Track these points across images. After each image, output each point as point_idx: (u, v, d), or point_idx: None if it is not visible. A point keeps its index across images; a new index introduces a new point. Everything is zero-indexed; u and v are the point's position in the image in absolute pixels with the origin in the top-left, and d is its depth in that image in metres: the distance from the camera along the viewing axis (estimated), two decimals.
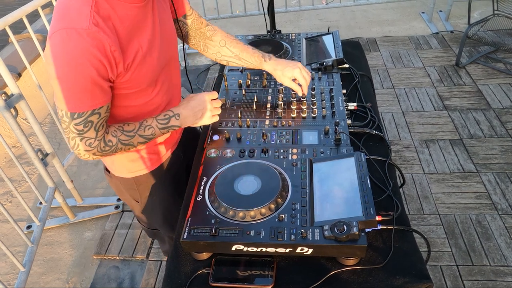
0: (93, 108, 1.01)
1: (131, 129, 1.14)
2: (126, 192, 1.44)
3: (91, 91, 0.98)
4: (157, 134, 1.19)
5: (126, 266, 2.28)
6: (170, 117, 1.20)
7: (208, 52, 1.47)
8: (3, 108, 1.91)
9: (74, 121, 1.01)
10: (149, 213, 1.51)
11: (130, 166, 1.33)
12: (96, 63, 0.95)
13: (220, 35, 1.46)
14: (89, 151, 1.08)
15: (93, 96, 1.00)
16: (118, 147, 1.12)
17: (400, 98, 3.28)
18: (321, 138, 1.29)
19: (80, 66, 0.94)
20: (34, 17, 3.56)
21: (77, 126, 1.02)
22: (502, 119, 2.93)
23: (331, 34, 1.84)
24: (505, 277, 1.99)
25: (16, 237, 2.49)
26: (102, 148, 1.09)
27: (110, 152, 1.12)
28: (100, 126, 1.06)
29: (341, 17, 4.66)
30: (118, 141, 1.12)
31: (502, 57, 3.57)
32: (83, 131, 1.03)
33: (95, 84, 0.98)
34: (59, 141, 3.21)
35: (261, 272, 1.01)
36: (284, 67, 1.41)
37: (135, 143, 1.16)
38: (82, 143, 1.05)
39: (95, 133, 1.05)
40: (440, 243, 2.18)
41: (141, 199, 1.44)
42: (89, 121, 1.02)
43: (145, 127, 1.16)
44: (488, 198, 2.39)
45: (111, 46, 0.96)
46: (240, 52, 1.44)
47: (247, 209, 1.04)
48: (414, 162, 2.69)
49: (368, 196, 1.02)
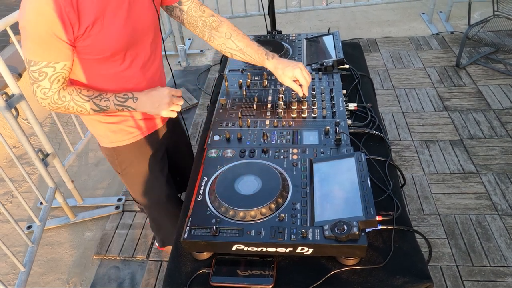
0: (48, 61, 1.12)
1: (88, 94, 1.23)
2: (110, 162, 1.57)
3: (47, 45, 1.09)
4: (112, 108, 1.27)
5: (127, 266, 2.28)
6: (128, 98, 1.28)
7: (213, 43, 1.49)
8: (4, 108, 1.91)
9: (31, 68, 1.13)
10: (130, 185, 1.62)
11: (111, 136, 1.43)
12: (50, 20, 1.05)
13: (226, 26, 1.46)
14: (44, 99, 1.20)
15: (48, 50, 1.10)
16: (70, 104, 1.22)
17: (400, 98, 3.29)
18: (322, 138, 1.29)
19: (36, 21, 1.06)
20: None
21: (33, 73, 1.14)
22: (502, 120, 2.93)
23: (332, 34, 1.85)
24: (505, 278, 1.99)
25: (17, 237, 2.50)
26: (55, 101, 1.20)
27: (62, 107, 1.22)
28: (55, 80, 1.16)
29: (341, 17, 4.66)
30: (71, 99, 1.21)
31: (502, 58, 3.57)
32: (38, 79, 1.15)
33: (50, 39, 1.08)
34: (59, 142, 3.22)
35: (261, 272, 1.01)
36: (285, 66, 1.41)
37: (88, 109, 1.24)
38: (38, 91, 1.18)
39: (50, 84, 1.17)
40: (440, 243, 2.18)
41: (121, 170, 1.54)
42: (43, 72, 1.14)
43: (102, 98, 1.25)
44: (488, 199, 2.39)
45: (65, 7, 1.05)
46: (244, 47, 1.45)
47: (248, 209, 1.04)
48: (414, 162, 2.69)
49: (368, 196, 1.02)
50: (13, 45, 3.38)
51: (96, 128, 1.42)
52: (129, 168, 1.52)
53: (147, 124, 1.45)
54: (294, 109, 1.42)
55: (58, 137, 3.26)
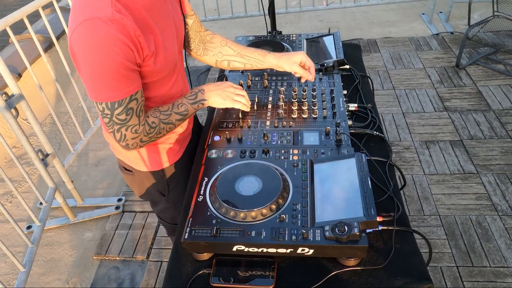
0: (130, 94, 1.04)
1: (166, 109, 1.20)
2: (151, 187, 1.45)
3: (125, 77, 1.01)
4: (190, 110, 1.25)
5: (126, 266, 2.28)
6: (196, 92, 1.28)
7: (208, 55, 1.48)
8: (3, 109, 1.91)
9: (116, 111, 1.04)
10: (175, 204, 1.53)
11: (156, 159, 1.37)
12: (124, 48, 0.97)
13: (219, 37, 1.49)
14: (136, 137, 1.12)
15: (128, 82, 1.03)
16: (161, 127, 1.18)
17: (400, 99, 3.29)
18: (322, 138, 1.29)
19: (110, 54, 0.95)
20: (35, 17, 3.56)
21: (120, 116, 1.05)
22: (502, 120, 2.94)
23: (332, 35, 1.84)
24: (505, 278, 1.99)
25: (16, 238, 2.49)
26: (147, 131, 1.15)
27: (154, 134, 1.17)
28: (140, 111, 1.10)
29: (341, 18, 4.66)
30: (159, 121, 1.18)
31: (502, 58, 3.57)
32: (126, 120, 1.07)
33: (127, 69, 1.00)
34: (59, 142, 3.22)
35: (262, 273, 1.01)
36: (288, 54, 1.45)
37: (174, 121, 1.22)
38: (128, 132, 1.10)
39: (137, 119, 1.10)
40: (440, 244, 2.18)
41: (168, 191, 1.48)
42: (130, 108, 1.06)
43: (178, 105, 1.23)
44: (488, 199, 2.39)
45: (135, 31, 0.98)
46: (242, 50, 1.47)
47: (248, 209, 1.04)
48: (415, 163, 2.69)
49: (369, 196, 1.02)
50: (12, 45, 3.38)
51: (138, 153, 1.34)
52: (176, 187, 1.47)
53: (183, 137, 1.43)
54: (295, 110, 1.42)
55: (58, 137, 3.26)
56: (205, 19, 4.35)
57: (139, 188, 1.49)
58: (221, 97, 1.33)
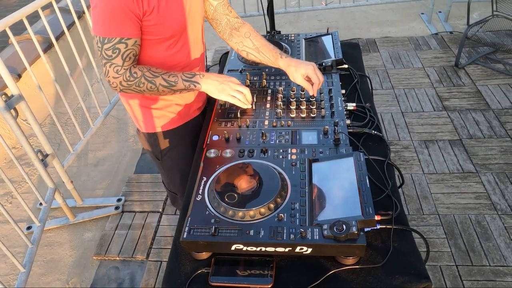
0: (121, 37, 1.17)
1: (157, 71, 1.28)
2: (149, 149, 1.59)
3: (119, 19, 1.14)
4: (179, 84, 1.30)
5: (126, 266, 2.28)
6: (195, 74, 1.33)
7: (232, 41, 1.54)
8: (3, 109, 1.91)
9: (105, 46, 1.18)
10: (168, 172, 1.64)
11: (152, 122, 1.48)
12: None
13: (247, 28, 1.54)
14: (116, 78, 1.23)
15: (121, 25, 1.15)
16: (141, 81, 1.25)
17: (399, 98, 3.29)
18: (320, 138, 1.29)
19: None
20: (34, 18, 3.57)
21: (107, 51, 1.19)
22: (501, 120, 2.94)
23: (331, 34, 1.85)
24: (505, 277, 2.00)
25: (16, 238, 2.50)
26: (127, 77, 1.24)
27: (133, 84, 1.25)
28: (127, 57, 1.21)
29: (340, 17, 4.67)
30: (142, 75, 1.25)
31: (501, 58, 3.58)
32: (111, 57, 1.19)
33: (123, 13, 1.14)
34: (59, 142, 3.22)
35: (260, 272, 1.01)
36: (298, 64, 1.44)
37: (157, 84, 1.27)
38: (111, 69, 1.21)
39: (122, 61, 1.21)
40: (439, 243, 2.19)
41: (161, 156, 1.58)
42: (117, 48, 1.18)
43: (170, 74, 1.29)
44: (488, 199, 2.39)
45: None
46: (260, 46, 1.51)
47: (247, 208, 1.04)
48: (414, 162, 2.69)
49: (367, 195, 1.02)
50: (12, 46, 3.38)
51: (139, 113, 1.47)
52: (169, 153, 1.57)
53: (187, 111, 1.52)
54: (293, 109, 1.43)
55: (58, 137, 3.26)
56: None
57: (145, 148, 1.63)
58: (216, 88, 1.34)
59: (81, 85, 3.24)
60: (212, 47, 4.28)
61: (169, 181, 1.72)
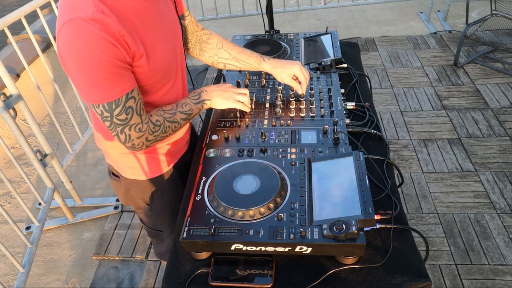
0: (126, 93, 1.02)
1: (170, 108, 1.20)
2: (136, 195, 1.42)
3: (116, 76, 0.99)
4: (194, 109, 1.25)
5: (126, 266, 2.28)
6: (199, 93, 1.28)
7: (204, 56, 1.48)
8: (2, 109, 1.91)
9: (115, 112, 1.02)
10: (158, 214, 1.50)
11: (146, 167, 1.34)
12: (109, 46, 0.94)
13: (216, 38, 1.47)
14: (141, 136, 1.10)
15: (120, 81, 1.00)
16: (166, 125, 1.17)
17: (398, 97, 3.29)
18: (320, 137, 1.29)
19: (95, 52, 0.93)
20: (33, 17, 3.56)
21: (120, 116, 1.03)
22: (500, 119, 2.94)
23: (330, 34, 1.85)
24: (504, 276, 2.00)
25: (16, 238, 2.49)
26: (152, 130, 1.13)
27: (160, 132, 1.16)
28: (140, 110, 1.08)
29: (339, 17, 4.67)
30: (164, 119, 1.16)
31: (500, 57, 3.58)
32: (127, 119, 1.05)
33: (117, 67, 0.98)
34: (58, 142, 3.21)
35: (260, 271, 1.01)
36: (284, 64, 1.42)
37: (179, 120, 1.21)
38: (132, 131, 1.08)
39: (139, 117, 1.08)
40: (439, 242, 2.19)
41: (152, 201, 1.43)
42: (129, 107, 1.04)
43: (182, 104, 1.22)
44: (487, 197, 2.39)
45: (119, 30, 0.95)
46: (237, 54, 1.45)
47: (246, 208, 1.04)
48: (413, 161, 2.70)
49: (367, 195, 1.02)
50: (11, 46, 3.38)
51: (125, 160, 1.32)
52: (161, 198, 1.43)
53: (176, 149, 1.40)
54: (292, 109, 1.42)
55: (57, 137, 3.25)
56: (203, 18, 4.35)
57: (124, 195, 1.46)
58: (223, 97, 1.33)
59: None
60: None
61: (155, 223, 1.57)
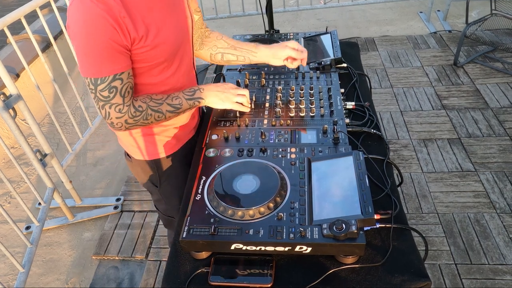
0: (114, 73, 1.07)
1: (159, 98, 1.21)
2: (145, 176, 1.48)
3: (109, 56, 1.05)
4: (184, 104, 1.26)
5: (126, 266, 2.28)
6: (195, 90, 1.30)
7: (204, 49, 1.51)
8: (1, 109, 1.91)
9: (99, 87, 1.08)
10: (167, 198, 1.55)
11: (150, 149, 1.38)
12: (108, 27, 1.01)
13: (217, 32, 1.54)
14: (120, 117, 1.14)
15: (112, 61, 1.06)
16: (148, 113, 1.18)
17: (398, 97, 3.29)
18: (320, 137, 1.29)
19: (94, 31, 1.01)
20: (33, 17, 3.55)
21: (103, 92, 1.09)
22: (500, 118, 2.94)
23: (329, 33, 1.85)
24: (504, 276, 2.00)
25: (15, 238, 2.49)
26: (132, 114, 1.16)
27: (141, 118, 1.18)
28: (125, 92, 1.12)
29: (339, 16, 4.67)
30: (147, 106, 1.18)
31: (500, 57, 3.58)
32: (109, 97, 1.10)
33: (112, 49, 1.04)
34: (57, 142, 3.21)
35: (260, 271, 1.01)
36: (275, 51, 1.48)
37: (164, 111, 1.22)
38: (112, 110, 1.12)
39: (122, 98, 1.12)
40: (438, 242, 2.19)
41: (160, 183, 1.48)
42: (113, 87, 1.09)
43: (173, 97, 1.24)
44: (487, 197, 2.39)
45: (120, 12, 1.02)
46: (236, 43, 1.51)
47: (246, 208, 1.04)
48: (413, 161, 2.70)
49: (367, 194, 1.02)
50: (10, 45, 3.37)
51: (133, 141, 1.36)
52: (167, 179, 1.47)
53: (183, 133, 1.42)
54: (292, 108, 1.42)
55: (56, 137, 3.25)
56: (203, 18, 4.35)
57: (137, 176, 1.53)
58: (220, 98, 1.34)
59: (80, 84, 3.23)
60: None
61: (166, 207, 1.62)
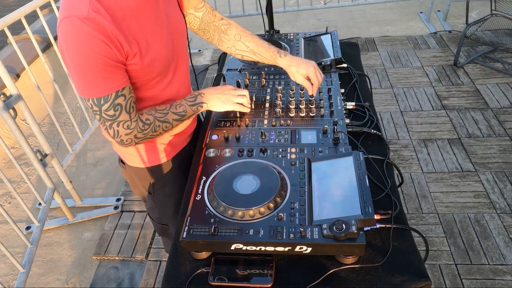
0: (116, 90, 1.05)
1: (163, 108, 1.21)
2: (139, 183, 1.47)
3: (107, 74, 1.03)
4: (188, 111, 1.26)
5: (126, 266, 2.28)
6: (195, 95, 1.30)
7: (223, 46, 1.49)
8: (2, 109, 1.91)
9: (103, 107, 1.06)
10: (161, 205, 1.53)
11: (145, 155, 1.36)
12: (101, 45, 0.99)
13: (235, 29, 1.46)
14: (129, 133, 1.13)
15: (111, 78, 1.04)
16: (156, 124, 1.18)
17: (398, 97, 3.29)
18: (320, 137, 1.29)
19: (88, 51, 0.99)
20: (33, 17, 3.56)
21: (108, 112, 1.07)
22: (500, 119, 2.94)
23: (329, 33, 1.85)
24: (504, 276, 2.00)
25: (16, 238, 2.49)
26: (141, 128, 1.15)
27: (149, 131, 1.17)
28: (130, 108, 1.10)
29: (339, 17, 4.67)
30: (154, 118, 1.18)
31: (500, 57, 3.58)
32: (115, 115, 1.08)
33: (109, 66, 1.02)
34: (58, 142, 3.21)
35: (260, 271, 1.01)
36: (299, 64, 1.41)
37: (171, 120, 1.22)
38: (120, 128, 1.11)
39: (128, 114, 1.10)
40: (439, 242, 2.19)
41: (154, 191, 1.47)
42: (117, 104, 1.07)
43: (176, 105, 1.23)
44: (487, 197, 2.39)
45: (111, 30, 1.00)
46: (255, 47, 1.45)
47: (246, 208, 1.04)
48: (413, 161, 2.70)
49: (367, 195, 1.02)
50: (11, 46, 3.38)
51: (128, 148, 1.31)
52: (161, 187, 1.46)
53: (178, 140, 1.41)
54: (292, 108, 1.42)
55: (57, 137, 3.25)
56: None
57: (130, 183, 1.52)
58: (221, 100, 1.33)
59: None
60: (211, 46, 4.28)
61: (159, 215, 1.61)
